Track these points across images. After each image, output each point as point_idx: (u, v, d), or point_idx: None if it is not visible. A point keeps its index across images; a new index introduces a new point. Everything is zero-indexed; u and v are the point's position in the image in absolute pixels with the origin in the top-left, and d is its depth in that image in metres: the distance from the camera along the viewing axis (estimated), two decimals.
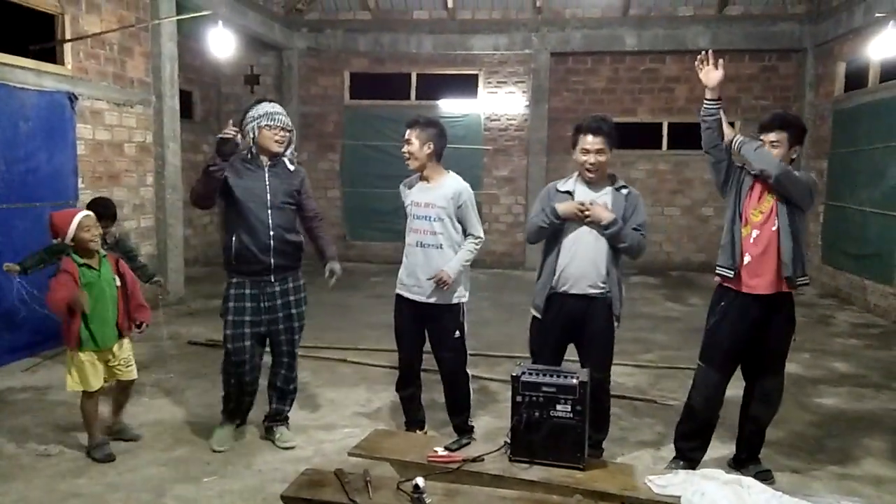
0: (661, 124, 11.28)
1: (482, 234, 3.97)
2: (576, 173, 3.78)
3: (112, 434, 4.09)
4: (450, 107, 11.29)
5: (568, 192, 3.72)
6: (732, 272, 3.60)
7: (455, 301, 3.92)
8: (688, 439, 3.80)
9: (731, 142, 3.64)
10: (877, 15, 7.57)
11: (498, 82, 11.39)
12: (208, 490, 3.55)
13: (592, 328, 3.68)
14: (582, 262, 3.63)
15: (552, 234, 3.70)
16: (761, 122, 3.70)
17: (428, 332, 4.02)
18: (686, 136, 11.11)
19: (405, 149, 3.92)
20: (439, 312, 3.92)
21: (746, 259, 3.59)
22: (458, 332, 3.95)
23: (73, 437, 4.13)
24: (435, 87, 11.48)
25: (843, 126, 9.32)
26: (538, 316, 3.76)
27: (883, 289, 7.96)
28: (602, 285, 3.63)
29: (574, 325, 3.70)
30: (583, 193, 3.69)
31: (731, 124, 3.53)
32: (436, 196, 3.89)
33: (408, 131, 3.90)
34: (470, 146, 11.27)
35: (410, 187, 4.03)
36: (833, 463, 4.01)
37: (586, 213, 3.58)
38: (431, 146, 3.87)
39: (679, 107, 11.08)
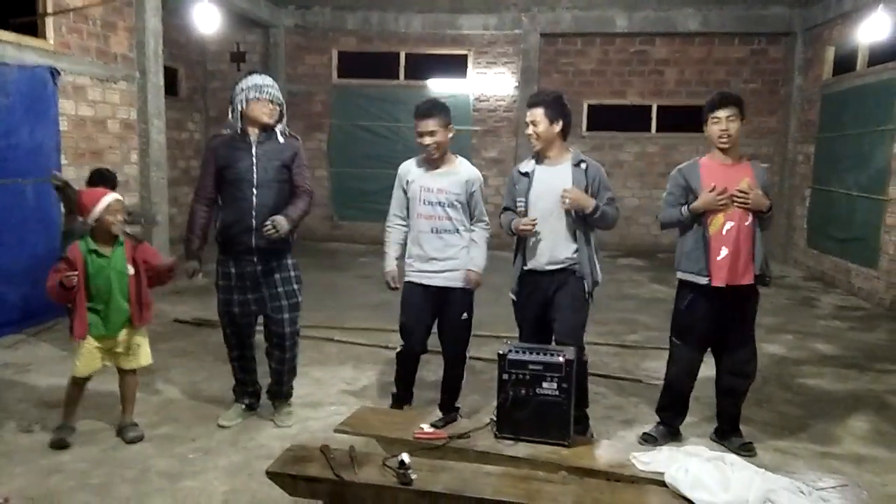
0: (650, 107, 11.24)
1: (488, 219, 4.04)
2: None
3: (118, 432, 3.92)
4: (438, 87, 11.18)
5: (525, 174, 3.78)
6: (706, 278, 3.63)
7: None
8: (667, 410, 3.99)
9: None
10: None
11: (487, 63, 11.32)
12: (193, 466, 3.55)
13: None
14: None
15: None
16: (711, 101, 3.69)
17: (438, 314, 4.01)
18: (675, 119, 11.13)
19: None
20: (455, 296, 3.93)
21: (723, 253, 3.61)
22: (466, 315, 3.98)
23: (56, 414, 4.06)
24: (424, 66, 11.38)
25: (830, 110, 9.35)
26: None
27: (867, 272, 8.03)
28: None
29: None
30: (541, 172, 3.72)
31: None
32: (450, 182, 3.86)
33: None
34: (458, 127, 11.14)
35: (415, 168, 3.93)
36: (815, 442, 4.06)
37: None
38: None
39: (669, 90, 11.03)
